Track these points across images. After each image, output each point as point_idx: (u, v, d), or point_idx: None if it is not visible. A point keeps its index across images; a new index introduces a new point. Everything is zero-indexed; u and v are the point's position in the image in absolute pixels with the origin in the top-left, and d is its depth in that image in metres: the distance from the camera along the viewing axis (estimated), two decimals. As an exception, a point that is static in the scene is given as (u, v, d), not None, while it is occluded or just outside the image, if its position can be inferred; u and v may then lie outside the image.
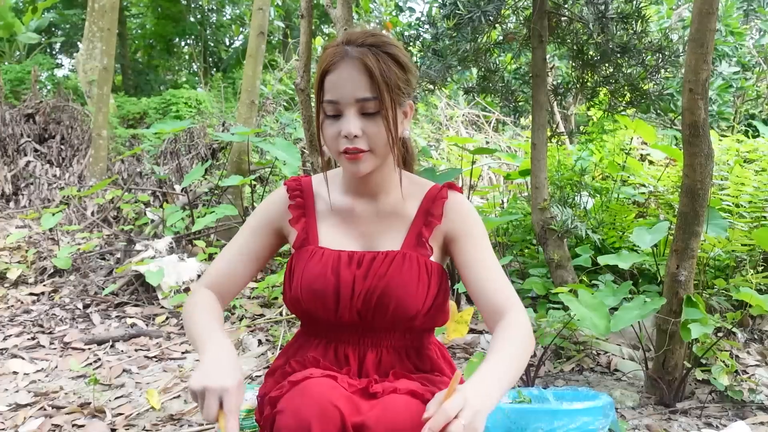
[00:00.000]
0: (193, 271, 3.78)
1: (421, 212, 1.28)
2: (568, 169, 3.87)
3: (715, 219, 2.48)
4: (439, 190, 1.29)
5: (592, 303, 2.15)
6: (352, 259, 1.22)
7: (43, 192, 6.17)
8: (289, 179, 1.35)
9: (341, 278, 1.19)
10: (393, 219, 1.27)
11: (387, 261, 1.21)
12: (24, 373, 2.71)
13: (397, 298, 1.18)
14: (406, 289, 1.19)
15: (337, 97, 1.14)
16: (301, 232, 1.28)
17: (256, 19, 5.05)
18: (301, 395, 1.06)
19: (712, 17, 2.01)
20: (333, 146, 1.18)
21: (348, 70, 1.14)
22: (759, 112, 6.06)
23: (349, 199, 1.28)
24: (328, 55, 1.16)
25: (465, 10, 2.83)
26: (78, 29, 12.90)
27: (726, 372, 2.27)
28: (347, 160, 1.17)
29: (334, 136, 1.17)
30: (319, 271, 1.20)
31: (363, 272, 1.20)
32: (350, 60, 1.14)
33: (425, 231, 1.26)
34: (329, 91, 1.15)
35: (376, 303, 1.19)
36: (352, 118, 1.14)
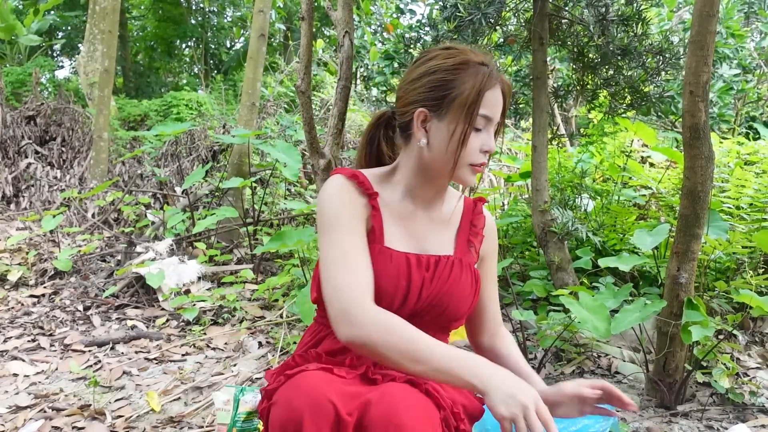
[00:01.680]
0: (194, 273, 3.78)
1: (465, 221, 1.38)
2: (568, 171, 3.87)
3: (715, 221, 2.47)
4: (474, 203, 1.42)
5: (593, 305, 2.15)
6: (419, 261, 1.26)
7: (44, 194, 6.17)
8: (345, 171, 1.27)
9: (412, 281, 1.23)
10: (442, 224, 1.34)
11: (448, 265, 1.28)
12: (24, 375, 2.71)
13: (453, 302, 1.27)
14: (461, 293, 1.28)
15: (492, 115, 1.23)
16: (376, 226, 1.26)
17: (257, 21, 5.05)
18: (295, 388, 1.06)
19: (713, 19, 2.01)
20: (470, 158, 1.24)
21: (498, 92, 1.24)
22: (760, 115, 6.06)
23: (407, 202, 1.32)
24: (486, 73, 1.22)
25: (466, 12, 2.83)
26: (79, 31, 12.93)
27: (727, 374, 2.26)
28: (473, 171, 1.26)
29: (475, 148, 1.24)
30: (390, 272, 1.22)
31: (430, 276, 1.25)
32: (499, 83, 1.24)
33: (473, 239, 1.36)
34: (487, 106, 1.22)
35: (436, 304, 1.25)
36: (493, 135, 1.26)
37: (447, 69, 1.23)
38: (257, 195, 4.94)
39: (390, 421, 1.00)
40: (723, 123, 5.14)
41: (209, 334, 3.17)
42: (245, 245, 4.44)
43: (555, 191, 3.67)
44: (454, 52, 1.24)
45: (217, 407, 1.97)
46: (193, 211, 4.57)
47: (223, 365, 2.78)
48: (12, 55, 10.37)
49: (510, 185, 4.67)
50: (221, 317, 3.38)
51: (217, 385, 2.56)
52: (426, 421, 1.03)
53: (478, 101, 1.20)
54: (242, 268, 3.93)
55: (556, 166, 3.83)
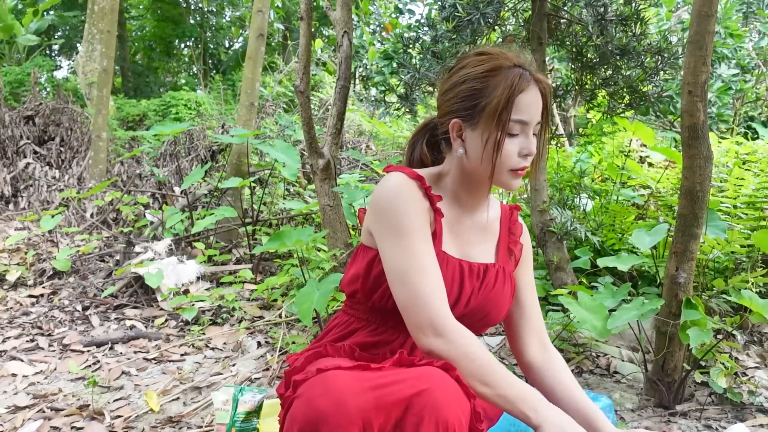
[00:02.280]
0: (193, 273, 3.78)
1: (504, 229, 1.38)
2: (567, 171, 3.87)
3: (714, 221, 2.47)
4: (510, 210, 1.42)
5: (592, 305, 2.15)
6: (471, 270, 1.27)
7: (43, 194, 6.16)
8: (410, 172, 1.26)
9: (464, 288, 1.24)
10: (484, 232, 1.35)
11: (494, 274, 1.29)
12: (23, 375, 2.71)
13: (495, 310, 1.28)
14: (502, 302, 1.30)
15: (527, 118, 1.21)
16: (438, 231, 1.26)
17: (255, 21, 5.05)
18: (322, 387, 1.04)
19: (711, 19, 2.02)
20: (509, 163, 1.23)
21: (533, 94, 1.22)
22: (758, 114, 6.07)
23: (455, 207, 1.32)
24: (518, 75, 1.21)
25: (464, 12, 2.84)
26: (78, 31, 12.92)
27: (725, 374, 2.27)
28: (515, 176, 1.24)
29: (512, 153, 1.22)
30: (446, 278, 1.22)
31: (479, 284, 1.27)
32: (536, 84, 1.23)
33: (513, 248, 1.37)
34: (521, 111, 1.21)
35: (480, 311, 1.27)
36: (533, 138, 1.23)
37: (476, 77, 1.23)
38: (256, 195, 4.94)
39: (426, 400, 1.02)
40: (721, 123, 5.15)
41: (208, 334, 3.17)
42: (244, 245, 4.44)
43: (554, 191, 3.67)
44: (485, 59, 1.24)
45: (216, 407, 1.97)
46: (191, 211, 4.56)
47: (222, 365, 2.78)
48: (10, 54, 10.36)
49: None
50: (220, 317, 3.38)
51: (216, 385, 2.56)
52: (459, 406, 1.06)
53: (509, 107, 1.19)
54: (241, 268, 3.92)
55: (554, 165, 3.83)
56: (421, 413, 1.02)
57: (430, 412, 1.02)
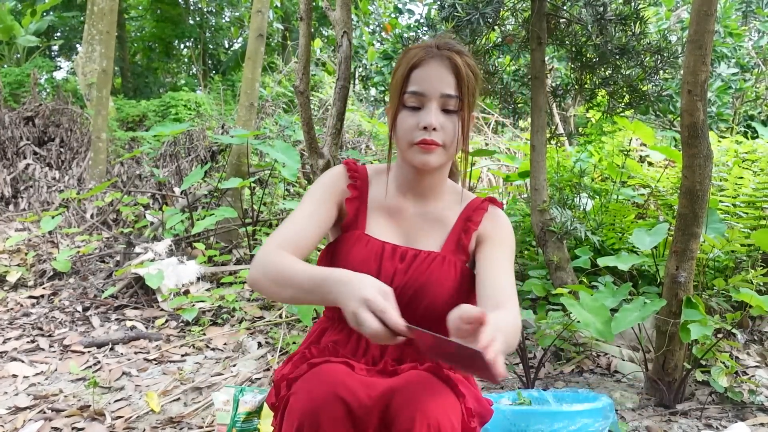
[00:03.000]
0: (193, 273, 3.78)
1: (461, 219, 1.34)
2: (567, 170, 3.87)
3: (714, 220, 2.48)
4: (481, 201, 1.37)
5: (594, 306, 2.15)
6: (395, 252, 1.27)
7: (43, 195, 6.16)
8: (348, 160, 1.37)
9: (383, 269, 1.24)
10: (435, 223, 1.33)
11: (428, 260, 1.27)
12: (23, 376, 2.71)
13: (431, 298, 1.24)
14: (441, 289, 1.25)
15: (423, 90, 1.22)
16: (352, 214, 1.31)
17: (255, 21, 5.05)
18: (316, 378, 1.08)
19: (711, 18, 2.02)
20: (407, 137, 1.23)
21: (437, 67, 1.22)
22: (758, 113, 6.07)
23: (399, 197, 1.33)
24: (419, 51, 1.24)
25: (464, 12, 2.84)
26: (77, 32, 12.91)
27: (725, 373, 2.27)
28: (420, 150, 1.22)
29: (411, 127, 1.23)
30: (362, 257, 1.24)
31: (404, 267, 1.25)
32: (440, 58, 1.22)
33: (464, 238, 1.32)
34: (415, 83, 1.22)
35: (411, 298, 1.24)
36: (435, 111, 1.21)
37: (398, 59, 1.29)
38: (256, 195, 4.94)
39: (417, 407, 1.03)
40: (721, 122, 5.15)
41: (208, 335, 3.17)
42: (244, 245, 4.44)
43: (554, 191, 3.67)
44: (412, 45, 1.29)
45: (217, 407, 1.98)
46: (192, 211, 4.56)
47: (222, 365, 2.78)
48: (10, 55, 10.35)
49: (509, 185, 4.67)
50: (220, 317, 3.38)
51: (216, 385, 2.56)
52: (449, 408, 1.06)
53: (403, 80, 1.23)
54: (241, 269, 3.92)
55: (554, 165, 3.83)
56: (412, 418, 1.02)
57: (422, 417, 1.02)
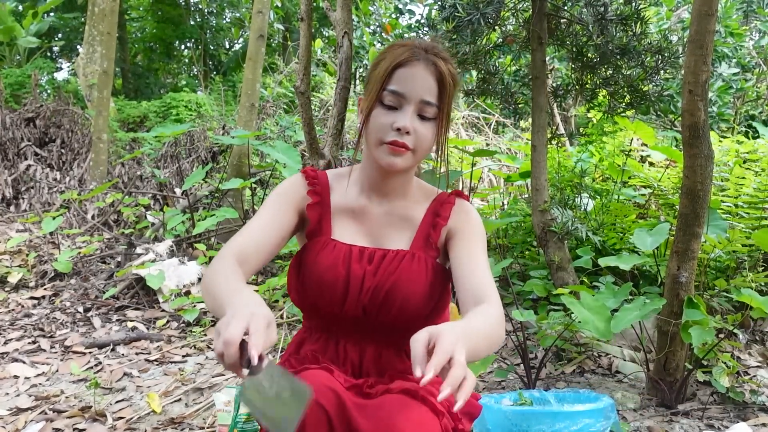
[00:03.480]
0: (194, 274, 3.78)
1: (429, 215, 1.32)
2: (568, 170, 3.87)
3: (715, 220, 2.48)
4: (447, 196, 1.35)
5: (594, 306, 2.15)
6: (363, 254, 1.25)
7: (44, 196, 6.17)
8: (306, 168, 1.35)
9: (352, 272, 1.21)
10: (402, 221, 1.31)
11: (397, 259, 1.24)
12: (25, 377, 2.71)
13: (404, 296, 1.21)
14: (413, 287, 1.22)
15: (404, 91, 1.19)
16: (315, 220, 1.29)
17: (255, 22, 5.05)
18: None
19: (712, 18, 2.01)
20: (378, 135, 1.20)
21: (421, 71, 1.19)
22: (759, 113, 6.06)
23: (363, 198, 1.31)
24: (405, 50, 1.21)
25: (464, 12, 2.84)
26: (78, 33, 12.92)
27: (727, 373, 2.26)
28: (389, 151, 1.20)
29: (385, 125, 1.20)
30: (330, 262, 1.22)
31: (373, 268, 1.23)
32: (427, 62, 1.20)
33: (433, 233, 1.30)
34: (397, 82, 1.19)
35: (383, 299, 1.21)
36: (411, 114, 1.19)
37: (380, 53, 1.26)
38: (257, 196, 4.94)
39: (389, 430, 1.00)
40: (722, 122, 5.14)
41: (210, 335, 3.17)
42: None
43: (555, 191, 3.67)
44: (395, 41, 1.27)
45: (218, 408, 1.98)
46: (192, 212, 4.57)
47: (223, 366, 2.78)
48: (11, 57, 10.36)
49: (510, 185, 4.67)
50: (221, 318, 3.38)
51: (217, 386, 2.56)
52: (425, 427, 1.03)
53: (385, 76, 1.20)
54: (242, 269, 3.92)
55: (555, 165, 3.83)
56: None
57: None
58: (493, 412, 1.85)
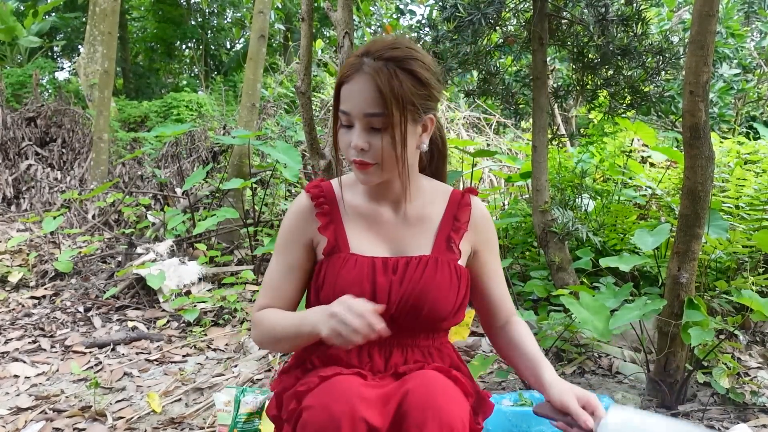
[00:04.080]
0: (194, 274, 3.78)
1: (448, 216, 1.31)
2: (568, 171, 3.87)
3: (716, 221, 2.47)
4: (462, 195, 1.34)
5: (594, 306, 2.15)
6: (386, 265, 1.23)
7: (45, 195, 6.17)
8: (309, 185, 1.32)
9: (378, 285, 1.20)
10: (419, 223, 1.29)
11: (421, 266, 1.23)
12: (25, 376, 2.71)
13: (431, 302, 1.21)
14: (439, 293, 1.22)
15: (348, 109, 1.17)
16: (331, 238, 1.26)
17: (256, 22, 5.05)
18: (330, 392, 1.06)
19: (713, 19, 2.01)
20: (345, 154, 1.21)
21: (360, 84, 1.15)
22: (760, 114, 6.06)
23: (374, 204, 1.29)
24: (347, 65, 1.18)
25: (465, 12, 2.83)
26: (79, 33, 12.93)
27: (727, 374, 2.26)
28: (357, 170, 1.20)
29: (345, 145, 1.20)
30: (354, 277, 1.20)
31: (399, 278, 1.22)
32: (363, 74, 1.15)
33: (454, 236, 1.29)
34: (343, 101, 1.18)
35: (411, 308, 1.21)
36: (359, 131, 1.16)
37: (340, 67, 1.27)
38: (258, 196, 4.94)
39: (429, 405, 1.04)
40: (723, 123, 5.14)
41: (210, 335, 3.17)
42: (246, 246, 4.44)
43: (555, 191, 3.67)
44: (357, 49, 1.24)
45: (218, 408, 1.97)
46: (193, 212, 4.57)
47: (223, 366, 2.78)
48: (12, 56, 10.37)
49: (510, 185, 4.67)
50: (222, 318, 3.38)
51: (218, 386, 2.56)
52: (460, 407, 1.08)
53: (337, 96, 1.19)
54: (243, 269, 3.93)
55: (556, 166, 3.83)
56: (424, 416, 1.04)
57: (433, 414, 1.04)
58: (493, 413, 1.85)
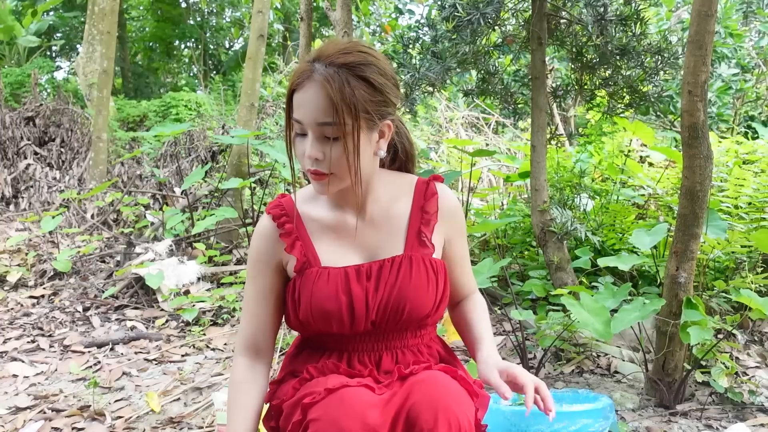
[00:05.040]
0: (193, 273, 3.78)
1: (415, 210, 1.27)
2: (567, 171, 3.87)
3: (714, 221, 2.47)
4: (426, 184, 1.30)
5: (594, 307, 2.15)
6: (359, 273, 1.21)
7: (43, 195, 6.17)
8: (270, 205, 1.29)
9: (354, 295, 1.18)
10: (387, 223, 1.26)
11: (395, 267, 1.21)
12: (24, 376, 2.71)
13: (411, 302, 1.20)
14: (417, 291, 1.21)
15: (300, 118, 1.12)
16: (299, 256, 1.23)
17: (255, 22, 5.05)
18: (340, 405, 1.05)
19: (711, 19, 2.02)
20: (301, 163, 1.17)
21: (311, 93, 1.10)
22: (758, 114, 6.06)
23: (337, 212, 1.25)
24: (297, 72, 1.13)
25: (464, 12, 2.84)
26: (78, 32, 12.92)
27: (726, 374, 2.27)
28: (313, 180, 1.17)
29: (300, 155, 1.16)
30: (328, 292, 1.18)
31: (374, 284, 1.20)
32: (314, 82, 1.10)
33: (425, 229, 1.26)
34: (296, 109, 1.13)
35: (391, 310, 1.20)
36: (312, 141, 1.12)
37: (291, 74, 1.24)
38: (256, 195, 4.94)
39: (438, 406, 1.05)
40: (722, 122, 5.15)
41: (209, 335, 3.17)
42: (245, 246, 4.44)
43: (554, 191, 3.67)
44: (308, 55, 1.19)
45: (217, 408, 1.98)
46: (192, 211, 4.57)
47: (222, 366, 2.78)
48: (11, 56, 10.36)
49: (509, 185, 4.67)
50: (221, 318, 3.38)
51: (216, 385, 2.56)
52: (467, 407, 1.09)
53: (290, 104, 1.14)
54: (242, 269, 3.93)
55: (554, 165, 3.83)
56: (435, 416, 1.04)
57: (444, 415, 1.04)
58: (492, 413, 1.85)
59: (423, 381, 1.08)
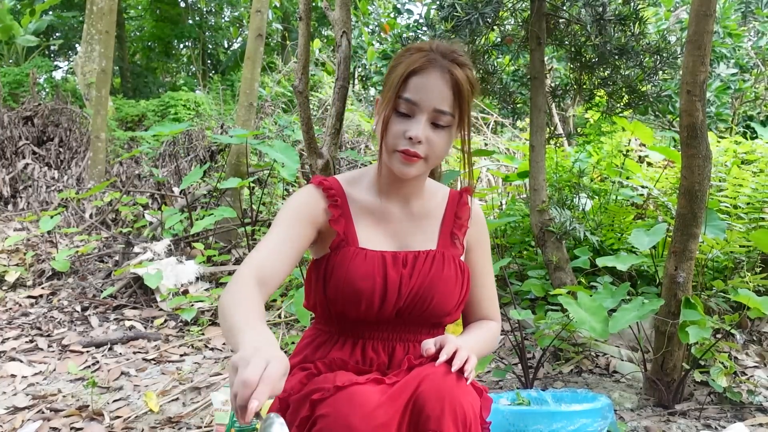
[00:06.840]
0: (192, 273, 3.78)
1: (449, 213, 1.35)
2: (566, 170, 3.87)
3: (713, 220, 2.48)
4: (460, 194, 1.38)
5: (591, 306, 2.15)
6: (396, 259, 1.25)
7: (42, 194, 6.16)
8: (315, 178, 1.32)
9: (389, 278, 1.22)
10: (423, 219, 1.32)
11: (429, 260, 1.26)
12: (22, 376, 2.71)
13: (439, 295, 1.24)
14: (446, 286, 1.25)
15: (417, 100, 1.18)
16: (341, 232, 1.26)
17: (254, 21, 5.05)
18: (349, 402, 1.05)
19: (710, 19, 2.02)
20: (392, 142, 1.21)
21: (436, 79, 1.18)
22: (757, 114, 6.07)
23: (381, 201, 1.31)
24: (420, 56, 1.19)
25: (463, 12, 2.84)
26: (76, 32, 12.90)
27: (724, 373, 2.27)
28: (402, 160, 1.20)
29: (398, 133, 1.20)
30: (365, 271, 1.21)
31: (408, 272, 1.24)
32: (441, 70, 1.18)
33: (457, 233, 1.33)
34: (411, 91, 1.18)
35: (419, 300, 1.23)
36: (423, 124, 1.18)
37: (396, 56, 1.26)
38: (255, 195, 4.93)
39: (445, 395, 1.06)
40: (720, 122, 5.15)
41: (207, 335, 3.17)
42: (243, 245, 4.44)
43: (553, 191, 3.67)
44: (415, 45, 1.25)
45: (216, 407, 1.97)
46: (191, 211, 4.56)
47: (221, 365, 2.78)
48: (9, 55, 10.35)
49: (508, 185, 4.67)
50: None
51: (215, 385, 2.56)
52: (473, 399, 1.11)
53: (399, 83, 1.19)
54: (240, 269, 3.92)
55: (553, 165, 3.83)
56: (441, 405, 1.05)
57: (450, 406, 1.05)
58: (491, 412, 1.85)
59: (430, 372, 1.10)
